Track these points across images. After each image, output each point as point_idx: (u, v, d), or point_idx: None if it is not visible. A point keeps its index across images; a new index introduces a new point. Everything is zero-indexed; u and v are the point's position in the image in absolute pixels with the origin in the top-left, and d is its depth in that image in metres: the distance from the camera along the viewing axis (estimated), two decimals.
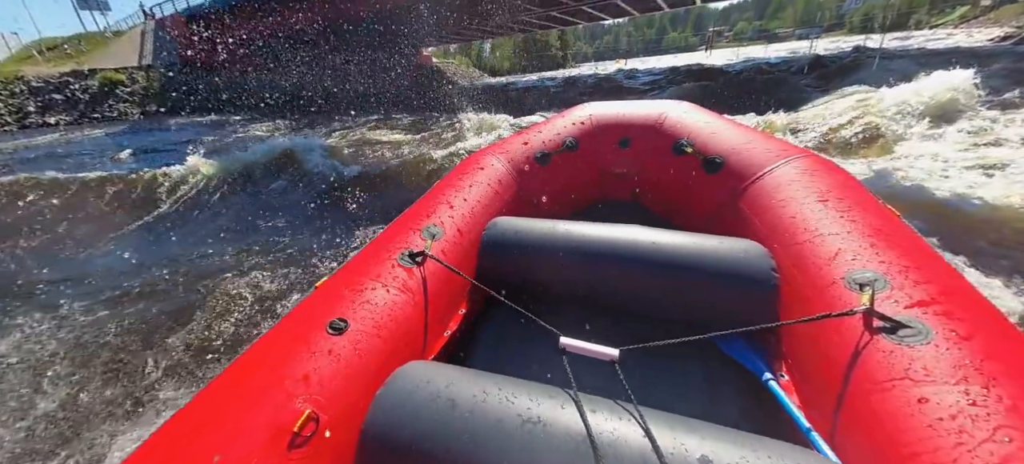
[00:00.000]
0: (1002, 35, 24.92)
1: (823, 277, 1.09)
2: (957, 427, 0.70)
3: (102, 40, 28.11)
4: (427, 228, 1.57)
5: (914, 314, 0.90)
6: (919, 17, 47.90)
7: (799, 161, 1.52)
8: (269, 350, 1.09)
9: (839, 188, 1.34)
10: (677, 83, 18.22)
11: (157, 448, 0.87)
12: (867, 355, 0.88)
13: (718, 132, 1.83)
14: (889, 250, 1.08)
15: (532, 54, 67.29)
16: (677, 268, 1.30)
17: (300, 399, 0.96)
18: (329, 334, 1.12)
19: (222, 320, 3.30)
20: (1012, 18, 31.28)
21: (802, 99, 9.98)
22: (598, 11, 32.80)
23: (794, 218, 1.30)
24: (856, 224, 1.18)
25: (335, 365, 1.06)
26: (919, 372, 0.80)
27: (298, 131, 13.49)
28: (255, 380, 1.00)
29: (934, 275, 0.99)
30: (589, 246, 1.42)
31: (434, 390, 0.94)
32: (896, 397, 0.79)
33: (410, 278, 1.38)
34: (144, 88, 25.09)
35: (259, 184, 6.97)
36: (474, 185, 1.87)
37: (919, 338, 0.85)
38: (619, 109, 2.20)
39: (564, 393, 0.91)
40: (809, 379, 1.04)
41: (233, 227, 5.56)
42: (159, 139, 13.77)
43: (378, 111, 17.12)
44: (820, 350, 1.00)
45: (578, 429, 0.82)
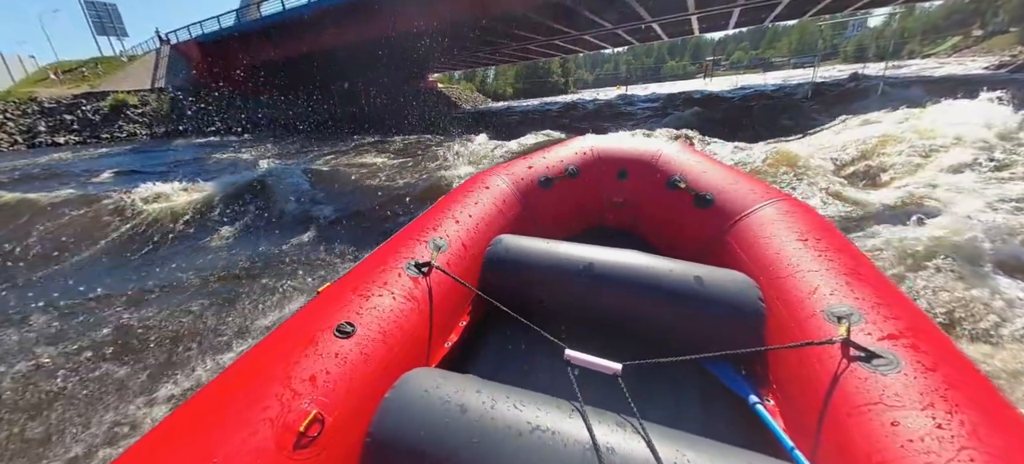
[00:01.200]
0: (997, 63, 25.03)
1: (804, 309, 1.16)
2: (926, 448, 0.76)
3: (118, 64, 28.51)
4: (433, 240, 1.60)
5: (885, 345, 0.97)
6: (912, 47, 48.49)
7: (781, 203, 1.62)
8: (275, 349, 1.08)
9: (817, 230, 1.43)
10: (679, 108, 18.10)
11: (159, 441, 0.86)
12: (845, 381, 0.94)
13: (707, 171, 1.92)
14: (862, 287, 1.15)
15: (534, 80, 68.30)
16: (673, 293, 1.34)
17: (306, 399, 0.96)
18: (336, 337, 1.12)
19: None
20: (1004, 48, 31.56)
21: (813, 124, 9.71)
22: (599, 40, 33.30)
23: (778, 254, 1.38)
24: (832, 263, 1.26)
25: (342, 368, 1.06)
26: (891, 398, 0.86)
27: (300, 153, 13.22)
28: (261, 378, 0.99)
29: (900, 312, 1.06)
30: (589, 267, 1.46)
31: (443, 396, 0.95)
32: (872, 420, 0.85)
33: (416, 287, 1.39)
34: (154, 110, 25.23)
35: (227, 210, 6.48)
36: (479, 203, 1.91)
37: (890, 367, 0.91)
38: (618, 143, 2.30)
39: (570, 405, 0.93)
40: (793, 403, 1.08)
41: (184, 254, 5.10)
42: (151, 160, 13.35)
43: (382, 132, 16.96)
44: (803, 376, 1.05)
45: (585, 440, 0.83)
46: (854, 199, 4.46)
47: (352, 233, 5.14)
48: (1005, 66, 23.29)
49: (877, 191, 4.72)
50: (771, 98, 15.92)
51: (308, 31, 23.57)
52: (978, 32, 43.98)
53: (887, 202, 4.26)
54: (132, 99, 24.62)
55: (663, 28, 30.42)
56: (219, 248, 5.12)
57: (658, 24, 27.71)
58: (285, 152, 13.40)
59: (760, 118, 11.26)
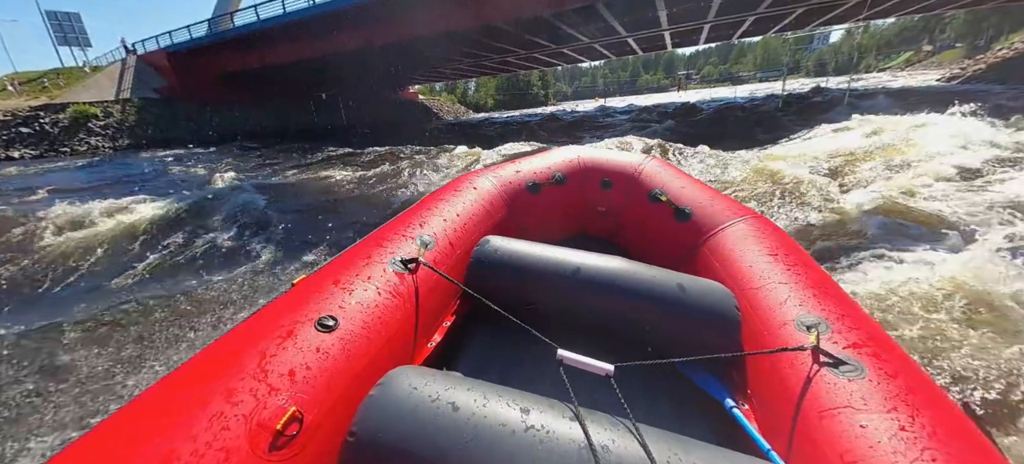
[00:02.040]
0: (947, 76, 26.45)
1: (777, 318, 1.21)
2: (892, 448, 0.81)
3: (81, 74, 26.98)
4: (420, 237, 1.59)
5: (851, 353, 1.01)
6: (868, 61, 51.08)
7: (752, 221, 1.68)
8: (250, 340, 1.01)
9: (784, 246, 1.50)
10: (660, 120, 18.27)
11: (111, 433, 0.77)
12: (816, 386, 0.98)
13: (686, 187, 2.00)
14: (826, 300, 1.20)
15: (515, 93, 68.68)
16: (656, 299, 1.36)
17: (284, 395, 0.90)
18: (317, 331, 1.07)
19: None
20: (952, 62, 33.50)
21: (789, 133, 9.80)
22: (577, 54, 33.70)
23: (751, 267, 1.43)
24: (800, 277, 1.32)
25: (323, 363, 1.01)
26: (858, 402, 0.90)
27: (262, 167, 12.56)
28: (233, 370, 0.91)
29: (862, 323, 1.12)
30: (576, 271, 1.47)
31: (432, 393, 0.92)
32: (842, 422, 0.89)
33: (401, 283, 1.37)
34: (119, 121, 23.90)
35: (156, 236, 5.70)
36: (467, 203, 1.92)
37: (856, 373, 0.96)
38: (603, 155, 2.37)
39: (563, 405, 0.92)
40: (767, 406, 1.11)
41: (110, 279, 4.41)
42: (100, 175, 12.24)
43: (358, 143, 16.34)
44: (776, 381, 1.08)
45: (580, 439, 0.82)
46: (838, 209, 4.34)
47: (289, 264, 4.52)
48: (955, 78, 24.64)
49: (857, 197, 4.63)
50: (744, 110, 16.20)
51: (283, 42, 22.92)
52: (928, 48, 46.74)
53: (867, 208, 4.16)
54: (95, 110, 23.26)
55: (638, 43, 31.05)
56: (125, 286, 4.27)
57: (633, 39, 28.24)
58: (247, 166, 12.68)
59: (737, 129, 11.38)
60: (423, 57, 25.90)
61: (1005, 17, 34.23)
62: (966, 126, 6.90)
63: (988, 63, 23.63)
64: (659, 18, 22.41)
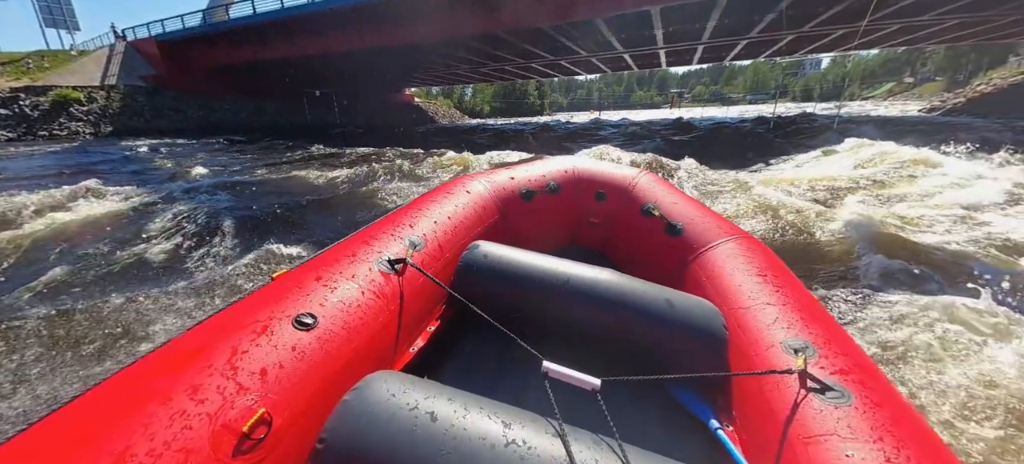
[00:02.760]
0: (928, 107, 27.21)
1: (764, 340, 1.18)
2: None
3: (66, 58, 26.09)
4: (409, 238, 1.55)
5: (838, 380, 0.99)
6: (852, 90, 52.47)
7: (741, 240, 1.66)
8: (221, 334, 0.95)
9: (773, 268, 1.49)
10: (658, 135, 18.26)
11: (56, 429, 0.71)
12: (802, 411, 0.95)
13: (678, 203, 1.98)
14: (814, 324, 1.18)
15: (511, 101, 68.83)
16: (646, 314, 1.34)
17: (253, 395, 0.85)
18: (294, 328, 1.02)
19: None
20: (933, 94, 34.57)
21: (784, 156, 9.78)
22: (574, 66, 33.88)
23: (740, 287, 1.42)
24: (788, 299, 1.31)
25: (297, 363, 0.96)
26: (844, 430, 0.88)
27: (244, 162, 12.09)
28: (200, 364, 0.86)
29: (848, 349, 1.10)
30: (567, 282, 1.44)
31: (410, 401, 0.87)
32: (829, 450, 0.86)
33: (387, 284, 1.32)
34: (102, 108, 23.09)
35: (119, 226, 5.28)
36: (459, 206, 1.88)
37: (843, 400, 0.93)
38: (598, 166, 2.35)
39: (546, 420, 0.89)
40: (752, 429, 1.08)
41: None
42: (74, 161, 11.65)
43: (347, 143, 15.90)
44: (762, 403, 1.05)
45: (561, 457, 0.80)
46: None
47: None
48: (935, 110, 25.35)
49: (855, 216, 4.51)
50: (737, 130, 16.29)
51: (278, 38, 22.51)
52: (909, 79, 48.21)
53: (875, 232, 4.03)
54: (77, 95, 22.44)
55: (634, 59, 31.35)
56: (82, 280, 3.73)
57: (630, 55, 28.47)
58: (229, 160, 12.14)
59: (731, 149, 11.33)
60: (420, 61, 25.71)
61: (983, 54, 35.50)
62: (956, 160, 6.92)
63: (967, 97, 24.34)
64: (655, 36, 22.62)
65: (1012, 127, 14.04)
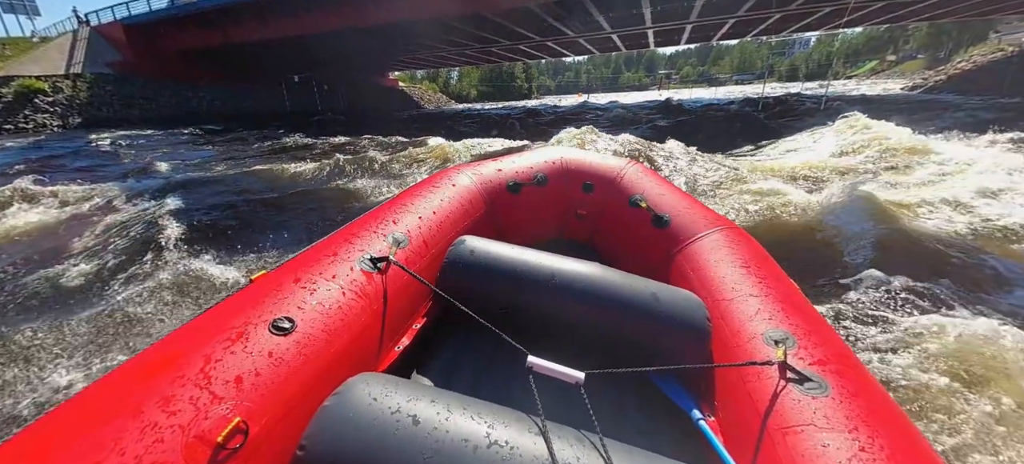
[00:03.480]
0: (911, 85, 27.35)
1: (746, 331, 1.19)
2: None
3: (28, 45, 24.51)
4: (392, 234, 1.51)
5: (816, 370, 1.00)
6: (836, 68, 52.60)
7: (726, 231, 1.67)
8: (194, 345, 0.92)
9: (756, 258, 1.50)
10: (648, 119, 17.92)
11: (23, 445, 0.70)
12: (781, 401, 0.96)
13: (665, 195, 1.95)
14: (795, 315, 1.20)
15: (498, 84, 67.57)
16: (631, 307, 1.34)
17: (228, 404, 0.82)
18: (271, 333, 0.99)
19: None
20: (915, 72, 34.78)
21: (773, 138, 9.55)
22: (561, 48, 33.17)
23: (723, 279, 1.42)
24: (770, 290, 1.31)
25: (275, 369, 0.93)
26: (821, 420, 0.89)
27: (223, 153, 11.50)
28: (171, 374, 0.83)
29: (828, 339, 1.11)
30: (553, 276, 1.42)
31: (392, 404, 0.85)
32: (806, 440, 0.87)
33: (369, 283, 1.28)
34: (69, 98, 21.85)
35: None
36: (444, 200, 1.83)
37: (820, 391, 0.95)
38: (585, 157, 2.30)
39: (529, 418, 0.88)
40: (733, 420, 1.09)
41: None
42: (24, 158, 10.64)
43: (327, 131, 15.19)
44: (743, 394, 1.06)
45: (543, 456, 0.80)
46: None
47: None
48: (917, 88, 25.48)
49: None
50: (727, 113, 15.94)
51: (251, 19, 21.43)
52: (892, 57, 48.47)
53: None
54: (42, 85, 21.16)
55: (622, 40, 30.81)
56: (41, 290, 3.38)
57: (618, 36, 27.93)
58: (202, 152, 11.54)
59: (724, 133, 11.07)
60: (401, 43, 24.82)
61: (964, 31, 35.69)
62: (946, 143, 6.79)
63: (948, 75, 24.46)
64: (644, 15, 22.13)
65: (993, 105, 14.10)
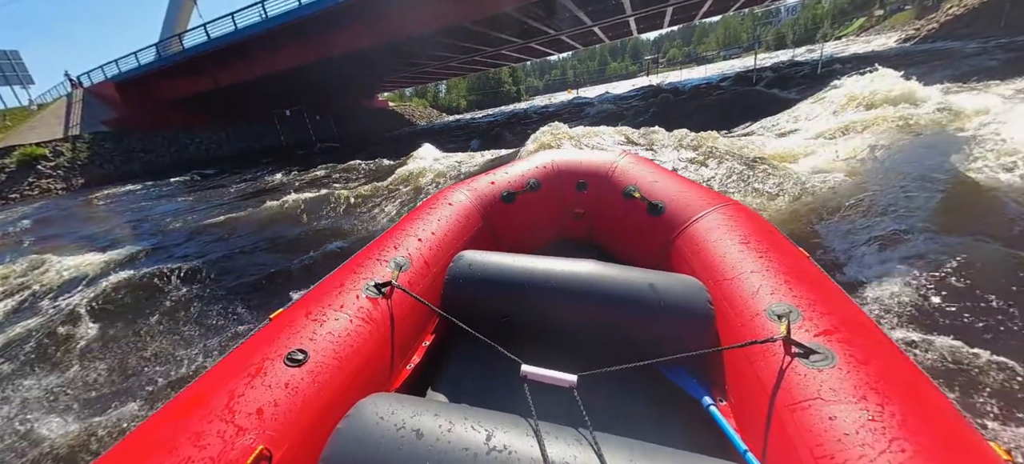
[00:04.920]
0: (903, 38, 26.68)
1: (749, 309, 1.16)
2: (861, 441, 0.77)
3: (26, 114, 24.84)
4: (394, 259, 1.56)
5: (821, 341, 0.97)
6: (825, 30, 51.76)
7: (726, 209, 1.62)
8: (219, 383, 1.00)
9: (758, 233, 1.45)
10: (645, 101, 17.59)
11: None
12: (787, 378, 0.94)
13: (659, 181, 1.92)
14: (800, 286, 1.16)
15: (486, 91, 67.54)
16: (629, 301, 1.33)
17: (251, 434, 0.89)
18: (286, 366, 1.05)
19: None
20: (905, 23, 33.99)
21: (774, 112, 9.17)
22: (545, 48, 32.96)
23: (724, 258, 1.38)
24: (773, 264, 1.27)
25: (292, 398, 0.99)
26: (828, 393, 0.86)
27: (222, 197, 11.39)
28: (200, 414, 0.91)
29: (836, 307, 1.07)
30: (549, 279, 1.44)
31: (398, 422, 0.89)
32: (812, 415, 0.85)
33: (375, 308, 1.34)
34: (70, 160, 22.07)
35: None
36: (442, 219, 1.88)
37: (826, 362, 0.92)
38: (576, 156, 2.29)
39: (526, 422, 0.90)
40: (742, 402, 1.08)
41: None
42: (47, 226, 10.56)
43: (319, 161, 15.06)
44: (750, 375, 1.05)
45: (538, 457, 0.81)
46: None
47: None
48: (910, 39, 24.84)
49: None
50: (720, 92, 15.51)
51: (236, 61, 21.51)
52: (879, 12, 47.53)
53: None
54: (43, 151, 21.39)
55: (604, 31, 30.50)
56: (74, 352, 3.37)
57: (599, 27, 27.63)
58: (203, 199, 11.46)
59: (720, 114, 10.71)
60: (384, 64, 24.77)
61: None
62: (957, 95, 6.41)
63: (941, 22, 23.82)
64: (623, 4, 21.83)
65: (991, 47, 13.59)
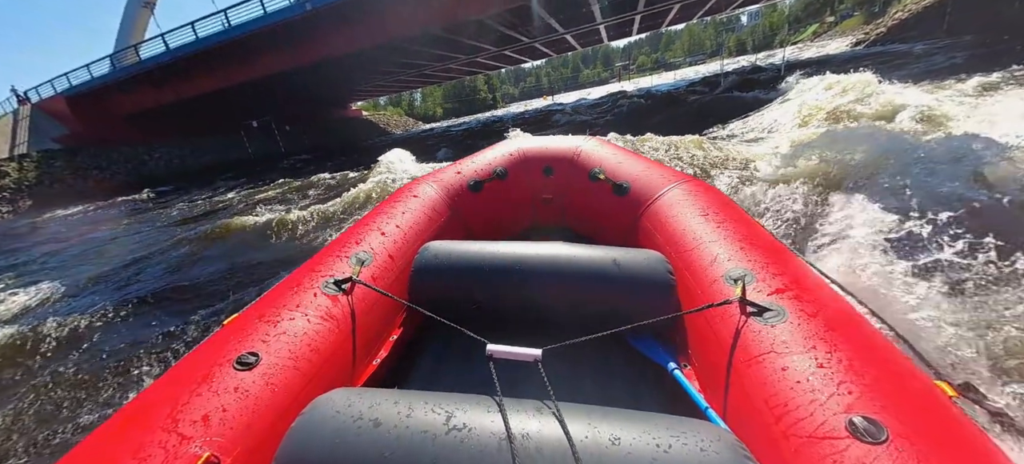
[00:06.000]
0: (854, 42, 28.13)
1: (707, 276, 1.21)
2: (811, 386, 0.81)
3: None
4: (355, 255, 1.52)
5: (774, 299, 1.02)
6: (781, 37, 54.17)
7: (686, 185, 1.68)
8: (162, 394, 0.96)
9: (716, 205, 1.51)
10: (619, 107, 17.76)
11: None
12: (743, 336, 0.98)
13: (623, 162, 1.97)
14: (754, 251, 1.21)
15: (462, 99, 67.30)
16: (595, 278, 1.36)
17: (197, 442, 0.85)
18: (235, 370, 1.02)
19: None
20: (856, 29, 35.97)
21: (745, 114, 9.29)
22: (518, 54, 33.08)
23: (684, 231, 1.44)
24: (729, 233, 1.33)
25: (242, 402, 0.96)
26: (780, 346, 0.91)
27: (176, 214, 10.69)
28: (143, 427, 0.87)
29: (786, 268, 1.13)
30: (516, 263, 1.44)
31: (355, 413, 0.87)
32: (766, 368, 0.89)
33: (334, 306, 1.30)
34: (16, 181, 20.42)
35: None
36: (407, 212, 1.84)
37: (778, 318, 0.97)
38: (542, 143, 2.29)
39: (490, 399, 0.90)
40: (703, 363, 1.14)
41: None
42: None
43: (287, 174, 14.42)
44: (710, 337, 1.10)
45: (500, 430, 0.81)
46: None
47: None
48: (861, 43, 26.19)
49: None
50: (689, 98, 15.76)
51: (199, 72, 20.52)
52: (830, 18, 50.16)
53: None
54: None
55: (576, 39, 30.92)
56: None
57: (571, 35, 27.94)
58: (157, 216, 10.74)
59: (694, 118, 10.81)
60: (356, 73, 24.20)
61: None
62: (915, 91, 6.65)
63: (888, 27, 25.22)
64: (593, 12, 22.12)
65: (948, 47, 14.37)
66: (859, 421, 0.72)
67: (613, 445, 0.76)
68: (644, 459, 0.74)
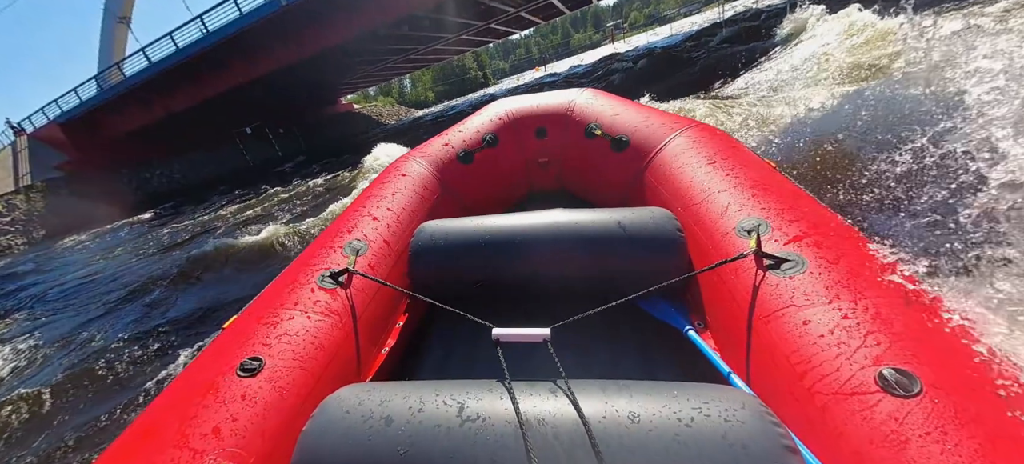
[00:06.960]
0: None
1: (719, 230, 1.15)
2: (836, 340, 0.76)
3: None
4: (349, 244, 1.45)
5: (791, 249, 0.96)
6: None
7: (690, 132, 1.56)
8: (169, 409, 0.94)
9: (724, 151, 1.41)
10: (617, 70, 17.03)
11: None
12: (761, 291, 0.93)
13: (620, 114, 1.84)
14: (767, 198, 1.14)
15: (452, 80, 65.96)
16: (599, 243, 1.30)
17: (210, 456, 0.83)
18: (240, 377, 0.99)
19: None
20: None
21: (754, 62, 8.83)
22: (506, 26, 31.98)
23: (691, 182, 1.36)
24: (740, 180, 1.24)
25: (251, 409, 0.93)
26: (800, 298, 0.85)
27: (177, 231, 10.73)
28: (153, 445, 0.84)
29: (804, 214, 1.06)
30: (516, 236, 1.38)
31: (365, 412, 0.84)
32: (786, 323, 0.84)
33: (334, 300, 1.26)
34: (26, 212, 20.70)
35: None
36: (397, 192, 1.75)
37: (797, 268, 0.91)
38: (532, 102, 2.14)
39: (500, 385, 0.86)
40: (720, 323, 1.08)
41: None
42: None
43: (278, 180, 14.34)
44: (725, 294, 1.04)
45: (514, 418, 0.78)
46: None
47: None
48: None
49: None
50: (691, 51, 14.84)
51: (184, 84, 20.24)
52: None
53: None
54: None
55: (563, 2, 29.68)
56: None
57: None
58: (160, 235, 10.80)
59: (699, 73, 10.29)
60: (340, 66, 23.68)
61: None
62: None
63: None
64: None
65: None
66: (890, 373, 0.67)
67: (632, 423, 0.72)
68: (666, 436, 0.69)
